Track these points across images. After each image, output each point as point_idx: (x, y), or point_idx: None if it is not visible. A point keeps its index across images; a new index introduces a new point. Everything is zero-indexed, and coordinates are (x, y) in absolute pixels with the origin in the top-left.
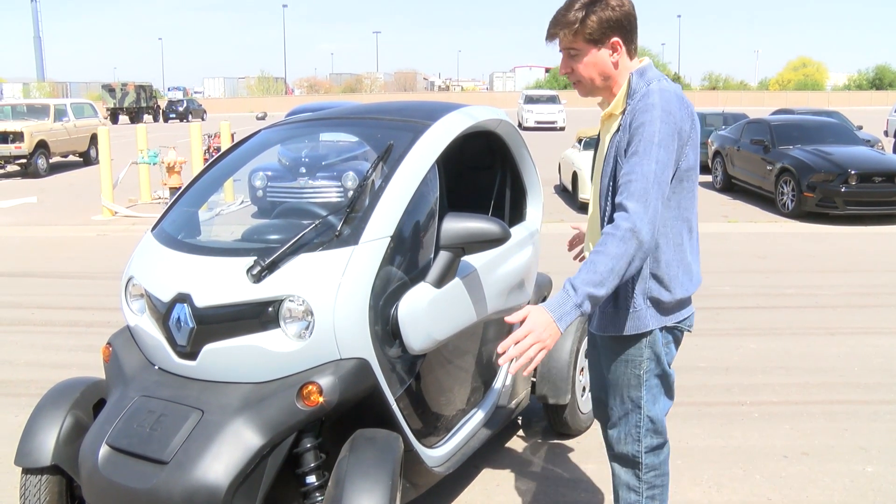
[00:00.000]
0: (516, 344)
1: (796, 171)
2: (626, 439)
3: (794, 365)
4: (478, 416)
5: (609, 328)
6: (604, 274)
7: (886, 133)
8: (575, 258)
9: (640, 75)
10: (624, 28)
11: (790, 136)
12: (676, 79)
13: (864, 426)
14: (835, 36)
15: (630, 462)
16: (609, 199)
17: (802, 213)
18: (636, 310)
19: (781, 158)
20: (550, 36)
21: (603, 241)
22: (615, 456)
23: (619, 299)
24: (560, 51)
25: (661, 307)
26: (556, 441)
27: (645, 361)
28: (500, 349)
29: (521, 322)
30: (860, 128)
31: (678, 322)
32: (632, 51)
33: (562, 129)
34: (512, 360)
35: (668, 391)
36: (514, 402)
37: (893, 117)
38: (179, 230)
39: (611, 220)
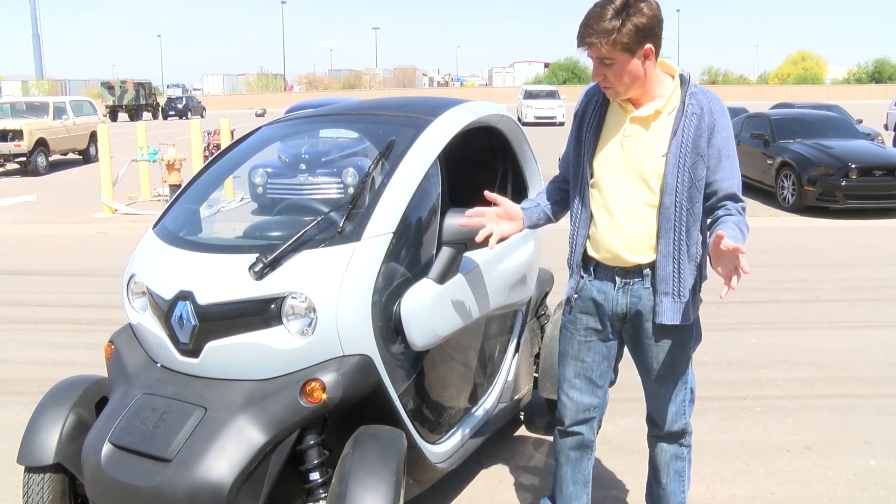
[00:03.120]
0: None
1: (796, 165)
2: (677, 417)
3: (796, 359)
4: (480, 413)
5: (684, 318)
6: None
7: (886, 127)
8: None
9: (682, 77)
10: (655, 34)
11: (790, 130)
12: None
13: (867, 420)
14: (834, 30)
15: (678, 435)
16: (686, 191)
17: (803, 208)
18: (695, 298)
19: (781, 152)
20: (585, 44)
21: (740, 220)
22: (664, 436)
23: (687, 290)
24: (591, 57)
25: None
26: None
27: (692, 342)
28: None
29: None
30: (860, 121)
31: None
32: (659, 53)
33: (561, 124)
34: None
35: None
36: (516, 397)
37: (893, 111)
38: (181, 227)
39: (687, 210)
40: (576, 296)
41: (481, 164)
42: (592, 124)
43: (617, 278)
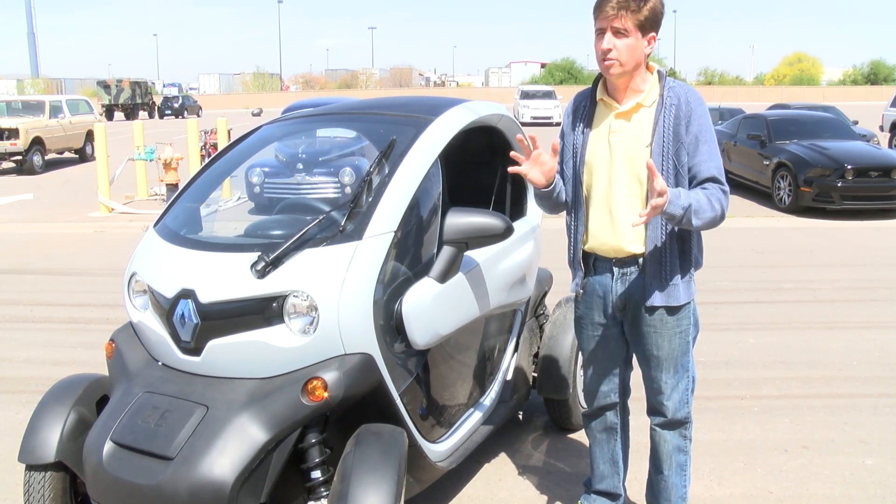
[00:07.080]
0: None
1: (793, 166)
2: (680, 406)
3: (793, 359)
4: (480, 411)
5: (673, 300)
6: (699, 208)
7: (882, 128)
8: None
9: (660, 73)
10: (659, 26)
11: (787, 130)
12: (672, 74)
13: (864, 419)
14: (830, 31)
15: (681, 424)
16: (672, 178)
17: (799, 208)
18: (686, 281)
19: (778, 153)
20: (605, 12)
21: (714, 193)
22: (667, 424)
23: (675, 272)
24: (603, 28)
25: (694, 279)
26: (557, 435)
27: (690, 328)
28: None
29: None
30: (856, 123)
31: None
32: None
33: (557, 124)
34: None
35: None
36: (515, 396)
37: (889, 112)
38: (182, 226)
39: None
40: (581, 291)
41: (481, 163)
42: (582, 126)
43: (615, 269)
